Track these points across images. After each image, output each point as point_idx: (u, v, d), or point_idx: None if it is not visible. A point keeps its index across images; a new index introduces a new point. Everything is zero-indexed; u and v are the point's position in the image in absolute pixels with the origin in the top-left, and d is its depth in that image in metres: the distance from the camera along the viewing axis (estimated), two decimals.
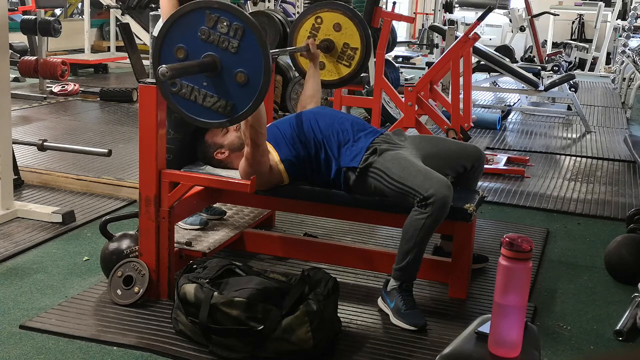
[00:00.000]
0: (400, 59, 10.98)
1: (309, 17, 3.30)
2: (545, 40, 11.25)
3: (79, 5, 10.82)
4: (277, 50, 3.28)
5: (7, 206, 3.43)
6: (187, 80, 2.28)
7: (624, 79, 8.79)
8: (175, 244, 2.68)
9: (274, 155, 2.72)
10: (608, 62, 11.73)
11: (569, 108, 7.21)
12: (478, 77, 7.50)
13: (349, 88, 5.13)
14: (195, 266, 2.44)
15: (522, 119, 7.09)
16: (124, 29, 2.75)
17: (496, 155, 5.05)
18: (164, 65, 2.12)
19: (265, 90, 2.21)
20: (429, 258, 2.82)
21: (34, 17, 7.03)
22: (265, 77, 2.20)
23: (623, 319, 2.62)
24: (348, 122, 2.80)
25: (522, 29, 10.27)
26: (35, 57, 6.89)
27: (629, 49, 8.74)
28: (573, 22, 14.13)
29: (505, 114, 6.78)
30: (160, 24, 3.09)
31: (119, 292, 2.59)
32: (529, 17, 9.79)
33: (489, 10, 5.05)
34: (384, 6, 10.16)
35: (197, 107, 2.30)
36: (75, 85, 7.07)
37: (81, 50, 9.04)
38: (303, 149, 2.75)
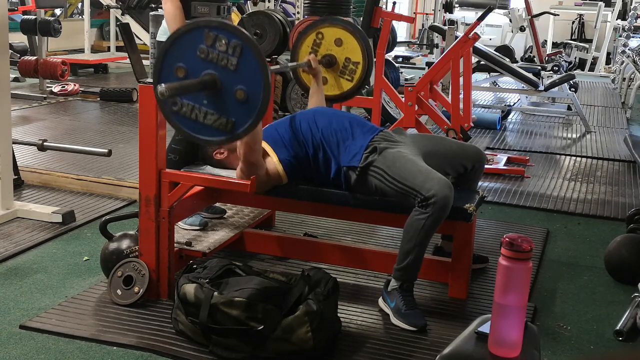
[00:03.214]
0: (400, 59, 10.98)
1: (310, 33, 3.32)
2: (545, 40, 11.25)
3: (79, 5, 10.82)
4: (277, 66, 3.30)
5: (7, 206, 3.43)
6: (188, 99, 2.30)
7: (624, 79, 8.79)
8: (175, 244, 2.68)
9: (273, 157, 2.72)
10: (608, 62, 11.73)
11: (569, 108, 7.21)
12: (478, 77, 7.50)
13: None
14: (195, 266, 2.44)
15: (522, 119, 7.09)
16: (124, 29, 2.75)
17: (496, 155, 5.05)
18: (162, 85, 2.13)
19: (265, 106, 2.23)
20: (430, 258, 2.82)
21: (34, 17, 7.03)
22: (265, 94, 2.21)
23: (623, 319, 2.62)
24: (347, 121, 2.80)
25: (522, 29, 10.27)
26: (35, 57, 6.89)
27: (629, 49, 8.74)
28: (573, 22, 14.14)
29: (505, 114, 6.78)
30: (163, 25, 3.09)
31: (119, 292, 2.59)
32: (529, 17, 9.79)
33: (489, 10, 5.05)
34: (384, 6, 10.17)
35: (198, 125, 2.31)
36: (75, 85, 7.07)
37: (81, 50, 9.04)
38: (302, 149, 2.75)
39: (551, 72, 7.31)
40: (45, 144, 3.93)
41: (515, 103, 7.78)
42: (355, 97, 5.18)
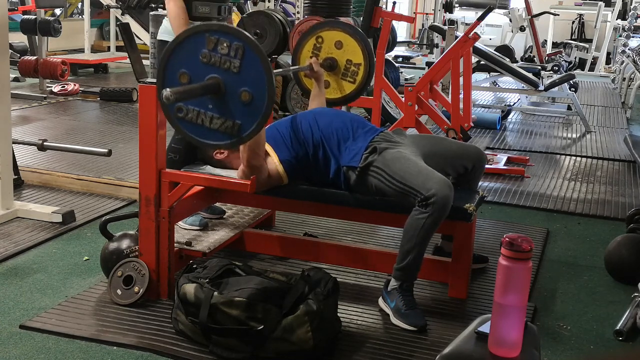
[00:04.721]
0: (400, 59, 10.98)
1: (310, 38, 3.32)
2: (545, 40, 11.25)
3: (79, 5, 10.82)
4: (279, 70, 3.30)
5: (7, 206, 3.43)
6: (193, 104, 2.30)
7: (624, 79, 8.79)
8: (175, 244, 2.68)
9: (274, 157, 2.72)
10: (608, 62, 11.73)
11: (569, 108, 7.21)
12: (478, 77, 7.50)
13: None
14: (195, 266, 2.44)
15: (522, 119, 7.09)
16: (124, 29, 2.75)
17: (496, 155, 5.05)
18: (167, 89, 2.13)
19: (270, 107, 2.23)
20: (430, 258, 2.82)
21: (34, 17, 7.03)
22: (270, 93, 2.21)
23: (623, 319, 2.62)
24: (347, 121, 2.81)
25: (522, 29, 10.27)
26: (35, 57, 6.89)
27: (629, 49, 8.74)
28: (573, 22, 14.14)
29: (505, 114, 6.78)
30: (165, 24, 3.09)
31: (119, 292, 2.59)
32: (529, 17, 9.79)
33: (489, 10, 5.05)
34: (384, 6, 10.17)
35: (205, 130, 2.32)
36: (75, 85, 7.07)
37: (81, 50, 9.05)
38: (302, 149, 2.75)
39: (551, 72, 7.31)
40: (45, 143, 3.93)
41: (515, 103, 7.78)
42: None
